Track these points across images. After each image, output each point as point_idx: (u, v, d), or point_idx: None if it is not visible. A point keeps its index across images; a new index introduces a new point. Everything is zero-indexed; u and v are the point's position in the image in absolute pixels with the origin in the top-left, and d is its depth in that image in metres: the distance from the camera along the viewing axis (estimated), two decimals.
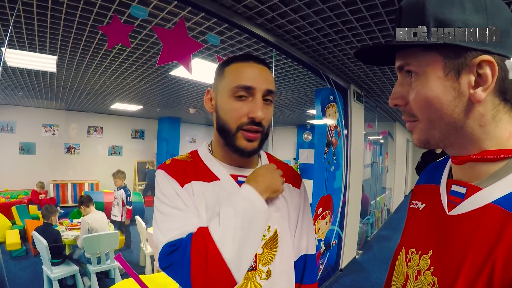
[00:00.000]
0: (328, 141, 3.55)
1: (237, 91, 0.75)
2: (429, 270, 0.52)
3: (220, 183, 0.80)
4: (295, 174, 0.94)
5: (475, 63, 0.45)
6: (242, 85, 0.74)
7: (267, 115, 0.78)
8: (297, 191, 0.91)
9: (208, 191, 0.78)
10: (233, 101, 0.76)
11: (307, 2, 1.91)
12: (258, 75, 0.76)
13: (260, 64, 0.79)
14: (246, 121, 0.75)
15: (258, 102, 0.75)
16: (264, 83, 0.76)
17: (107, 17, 2.16)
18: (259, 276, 0.78)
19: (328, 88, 3.57)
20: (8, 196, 6.05)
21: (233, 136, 0.76)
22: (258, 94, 0.75)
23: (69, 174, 7.45)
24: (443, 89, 0.48)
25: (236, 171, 0.83)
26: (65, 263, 3.21)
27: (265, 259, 0.79)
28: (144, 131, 9.02)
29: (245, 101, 0.76)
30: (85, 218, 3.32)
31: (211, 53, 2.91)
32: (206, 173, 0.81)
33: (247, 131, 0.75)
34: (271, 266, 0.80)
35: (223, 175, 0.81)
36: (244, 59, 0.79)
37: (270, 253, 0.80)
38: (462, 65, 0.46)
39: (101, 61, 3.29)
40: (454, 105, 0.48)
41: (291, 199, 0.88)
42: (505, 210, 0.44)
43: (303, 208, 0.92)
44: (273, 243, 0.81)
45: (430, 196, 0.61)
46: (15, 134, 6.78)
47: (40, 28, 2.36)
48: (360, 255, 4.63)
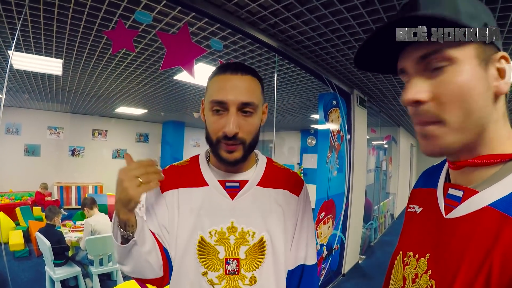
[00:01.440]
0: (331, 145, 3.55)
1: (212, 106, 0.76)
2: (427, 273, 0.52)
3: (208, 188, 0.83)
4: (295, 180, 0.91)
5: (497, 57, 0.47)
6: (215, 100, 0.75)
7: (245, 127, 0.76)
8: (295, 198, 0.88)
9: (194, 196, 0.83)
10: (211, 115, 0.77)
11: (310, 7, 1.93)
12: (233, 87, 0.75)
13: (238, 74, 0.76)
14: (221, 135, 0.76)
15: (230, 117, 0.74)
16: (238, 96, 0.74)
17: (112, 22, 2.20)
18: (242, 281, 0.79)
19: (331, 93, 3.58)
20: (12, 197, 6.10)
21: (215, 147, 0.78)
22: (231, 108, 0.74)
23: (73, 177, 7.49)
24: (478, 79, 0.46)
25: (226, 177, 0.85)
26: (68, 264, 3.22)
27: (249, 265, 0.79)
28: (149, 135, 9.07)
29: (221, 115, 0.76)
30: (88, 220, 3.33)
31: (214, 58, 2.94)
32: (197, 178, 0.85)
33: (225, 144, 0.76)
34: (257, 273, 0.80)
35: (212, 180, 0.84)
36: (222, 70, 0.78)
37: (255, 259, 0.80)
38: (489, 57, 0.47)
39: (106, 65, 3.33)
40: (487, 97, 0.47)
41: (287, 206, 0.86)
42: (501, 212, 0.44)
43: (302, 216, 0.89)
44: (259, 250, 0.81)
45: (427, 199, 0.61)
46: (20, 136, 6.85)
47: (46, 32, 2.40)
48: (363, 260, 4.59)
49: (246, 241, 0.80)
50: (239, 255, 0.79)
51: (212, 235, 0.79)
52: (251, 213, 0.82)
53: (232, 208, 0.81)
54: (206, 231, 0.80)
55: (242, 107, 0.76)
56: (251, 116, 0.78)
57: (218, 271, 0.78)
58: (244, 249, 0.80)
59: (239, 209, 0.81)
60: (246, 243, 0.80)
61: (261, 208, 0.83)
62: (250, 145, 0.80)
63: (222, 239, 0.79)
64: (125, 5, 1.97)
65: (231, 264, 0.79)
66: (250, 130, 0.78)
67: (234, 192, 0.83)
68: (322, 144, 3.61)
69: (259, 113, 0.81)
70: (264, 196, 0.85)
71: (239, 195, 0.83)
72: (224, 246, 0.79)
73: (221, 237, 0.80)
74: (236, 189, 0.84)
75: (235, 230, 0.80)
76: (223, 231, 0.80)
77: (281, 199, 0.86)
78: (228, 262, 0.79)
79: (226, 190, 0.83)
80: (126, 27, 2.07)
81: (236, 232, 0.80)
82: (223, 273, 0.78)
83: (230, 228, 0.80)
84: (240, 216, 0.81)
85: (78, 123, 7.57)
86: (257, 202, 0.83)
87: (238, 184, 0.84)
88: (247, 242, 0.80)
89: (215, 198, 0.82)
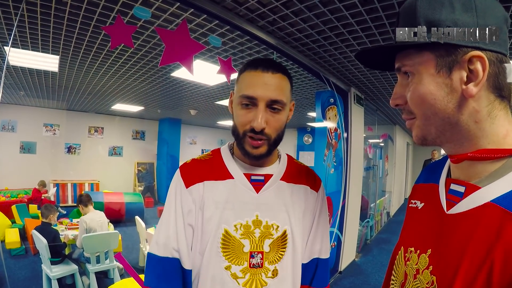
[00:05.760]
0: (328, 143, 3.55)
1: (242, 100, 0.79)
2: (428, 269, 0.52)
3: (233, 181, 0.84)
4: (314, 177, 0.94)
5: (466, 59, 0.47)
6: (245, 95, 0.78)
7: (273, 123, 0.79)
8: (315, 194, 0.91)
9: (219, 189, 0.83)
10: (240, 109, 0.80)
11: (308, 5, 1.93)
12: (263, 84, 0.77)
13: (269, 72, 0.78)
14: (248, 128, 0.78)
15: (259, 112, 0.77)
16: (268, 92, 0.77)
17: (109, 17, 2.18)
18: (265, 274, 0.80)
19: (328, 91, 3.58)
20: (8, 195, 6.04)
21: (241, 140, 0.81)
22: (260, 104, 0.77)
23: (70, 174, 7.45)
24: (436, 85, 0.50)
25: (251, 170, 0.86)
26: (65, 262, 3.21)
27: (272, 258, 0.81)
28: (145, 132, 9.03)
29: (250, 109, 0.79)
30: (83, 218, 3.31)
31: (212, 55, 2.92)
32: (222, 171, 0.86)
33: (251, 138, 0.79)
34: (279, 266, 0.81)
35: (237, 173, 0.85)
36: (254, 66, 0.80)
37: (278, 252, 0.82)
38: (454, 62, 0.48)
39: (103, 62, 3.30)
40: (447, 100, 0.49)
41: (308, 201, 0.89)
42: (504, 209, 0.44)
43: (320, 212, 0.92)
44: (282, 243, 0.82)
45: (429, 195, 0.61)
46: (16, 133, 6.78)
47: (43, 27, 2.37)
48: (360, 258, 4.62)
49: (270, 234, 0.81)
50: (263, 248, 0.80)
51: (238, 229, 0.80)
52: (275, 207, 0.83)
53: (257, 202, 0.83)
54: (231, 225, 0.80)
55: (271, 104, 0.78)
56: (278, 113, 0.80)
57: (242, 264, 0.79)
58: (268, 242, 0.81)
59: (263, 203, 0.83)
60: (270, 236, 0.81)
61: (284, 202, 0.85)
62: (275, 141, 0.82)
63: (248, 232, 0.80)
64: (123, 1, 1.95)
65: (255, 258, 0.80)
66: (277, 127, 0.81)
67: (259, 186, 0.85)
68: (319, 142, 3.62)
69: (287, 111, 0.84)
70: (287, 190, 0.87)
71: (264, 188, 0.84)
72: (249, 239, 0.80)
73: (247, 230, 0.81)
74: (261, 182, 0.85)
75: (260, 223, 0.82)
76: (249, 224, 0.81)
77: (303, 194, 0.89)
78: (252, 255, 0.80)
79: (251, 183, 0.84)
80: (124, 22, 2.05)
81: (261, 225, 0.82)
82: (247, 267, 0.79)
83: (255, 221, 0.81)
84: (264, 209, 0.82)
85: (74, 120, 7.51)
86: (281, 196, 0.85)
87: (263, 178, 0.86)
88: (272, 235, 0.82)
89: (240, 191, 0.83)
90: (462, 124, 0.50)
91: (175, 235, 0.81)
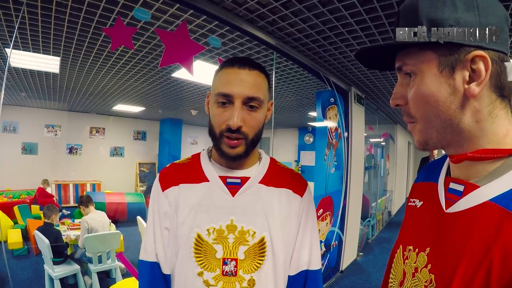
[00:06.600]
0: (329, 143, 3.56)
1: (218, 98, 0.76)
2: (426, 267, 0.52)
3: (208, 184, 0.82)
4: (298, 180, 0.88)
5: (468, 58, 0.47)
6: (221, 93, 0.75)
7: (250, 121, 0.76)
8: (299, 199, 0.85)
9: (194, 192, 0.81)
10: (216, 108, 0.77)
11: (308, 5, 1.93)
12: (239, 81, 0.75)
13: (246, 69, 0.76)
14: (225, 128, 0.75)
15: (235, 110, 0.74)
16: (244, 90, 0.75)
17: (110, 19, 2.18)
18: (239, 284, 0.75)
19: (328, 90, 3.58)
20: (10, 195, 6.06)
21: (218, 141, 0.78)
22: (236, 101, 0.75)
23: (71, 175, 7.46)
24: (438, 85, 0.49)
25: (227, 173, 0.83)
26: (67, 262, 3.22)
27: (247, 267, 0.76)
28: (146, 133, 9.03)
29: (226, 108, 0.76)
30: (85, 218, 3.33)
31: (212, 55, 2.93)
32: (198, 174, 0.84)
33: (228, 138, 0.76)
34: (256, 276, 0.76)
35: (213, 176, 0.82)
36: (231, 64, 0.78)
37: (255, 261, 0.77)
38: (456, 61, 0.48)
39: (103, 63, 3.31)
40: (450, 101, 0.49)
41: (290, 206, 0.83)
42: (502, 208, 0.44)
43: (306, 218, 0.85)
44: (259, 251, 0.77)
45: (428, 193, 0.61)
46: (17, 134, 6.79)
47: (44, 29, 2.38)
48: (361, 257, 4.62)
49: (245, 240, 0.77)
50: (237, 255, 0.76)
51: (210, 233, 0.76)
52: (252, 212, 0.79)
53: (233, 205, 0.79)
54: (203, 229, 0.77)
55: (248, 102, 0.76)
56: (256, 111, 0.77)
57: (214, 271, 0.75)
58: (243, 249, 0.76)
59: (239, 207, 0.79)
60: (245, 243, 0.77)
61: (263, 207, 0.80)
62: (253, 141, 0.79)
63: (221, 237, 0.76)
64: (123, 3, 1.95)
65: (228, 265, 0.75)
66: (254, 125, 0.78)
67: (235, 189, 0.80)
68: (320, 141, 3.62)
69: (264, 109, 0.81)
70: (267, 194, 0.81)
71: (240, 192, 0.80)
72: (222, 245, 0.76)
73: (220, 235, 0.76)
74: (238, 185, 0.81)
75: (235, 228, 0.77)
76: (222, 229, 0.77)
77: (284, 199, 0.83)
78: (225, 262, 0.75)
79: (227, 186, 0.81)
80: (124, 24, 2.06)
81: (236, 230, 0.77)
82: (220, 274, 0.75)
83: (230, 226, 0.77)
84: (240, 214, 0.78)
85: (76, 121, 7.52)
86: (259, 201, 0.80)
87: (239, 181, 0.81)
88: (247, 242, 0.77)
89: (215, 194, 0.79)
90: (463, 125, 0.50)
91: (153, 238, 0.81)
